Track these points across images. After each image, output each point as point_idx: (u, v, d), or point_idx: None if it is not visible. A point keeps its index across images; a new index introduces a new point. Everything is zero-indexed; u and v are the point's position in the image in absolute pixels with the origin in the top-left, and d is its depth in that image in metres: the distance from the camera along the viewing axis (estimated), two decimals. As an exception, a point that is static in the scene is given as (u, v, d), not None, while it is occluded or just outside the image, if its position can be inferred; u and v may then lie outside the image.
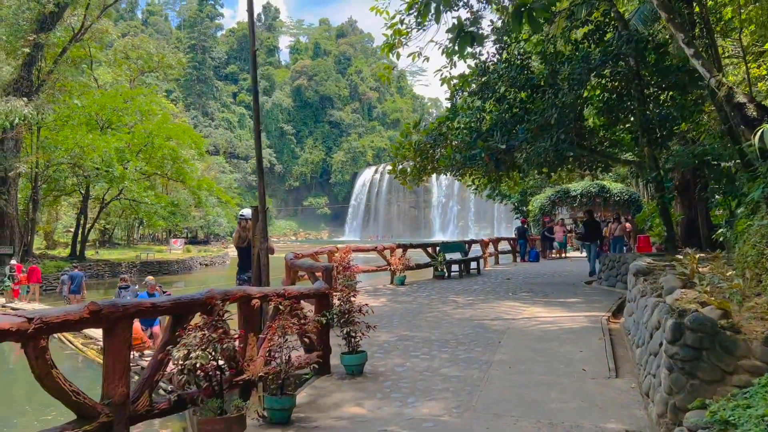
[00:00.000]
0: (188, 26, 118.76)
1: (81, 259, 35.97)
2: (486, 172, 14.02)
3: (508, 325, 8.17)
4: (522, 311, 9.26)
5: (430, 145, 13.96)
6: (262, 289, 4.93)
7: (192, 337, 3.64)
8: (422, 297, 11.30)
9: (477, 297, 11.12)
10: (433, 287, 13.10)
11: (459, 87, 14.04)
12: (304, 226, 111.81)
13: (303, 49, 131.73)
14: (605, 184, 24.42)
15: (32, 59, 26.31)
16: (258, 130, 5.25)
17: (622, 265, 12.03)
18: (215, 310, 3.91)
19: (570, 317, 8.61)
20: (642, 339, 5.90)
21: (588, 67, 11.40)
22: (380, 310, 9.69)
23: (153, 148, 36.10)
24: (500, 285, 13.35)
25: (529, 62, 13.90)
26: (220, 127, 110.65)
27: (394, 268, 13.82)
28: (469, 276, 15.82)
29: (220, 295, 4.27)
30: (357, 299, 9.88)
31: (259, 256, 5.32)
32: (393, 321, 8.74)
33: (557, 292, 11.76)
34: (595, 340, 7.12)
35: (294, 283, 9.74)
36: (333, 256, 11.62)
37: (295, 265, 9.19)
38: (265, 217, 5.30)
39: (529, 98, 13.13)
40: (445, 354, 6.72)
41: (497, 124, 13.07)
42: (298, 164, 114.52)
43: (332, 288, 6.87)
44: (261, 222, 5.25)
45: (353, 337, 6.05)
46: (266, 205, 5.33)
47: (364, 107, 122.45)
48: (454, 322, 8.49)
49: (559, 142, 11.49)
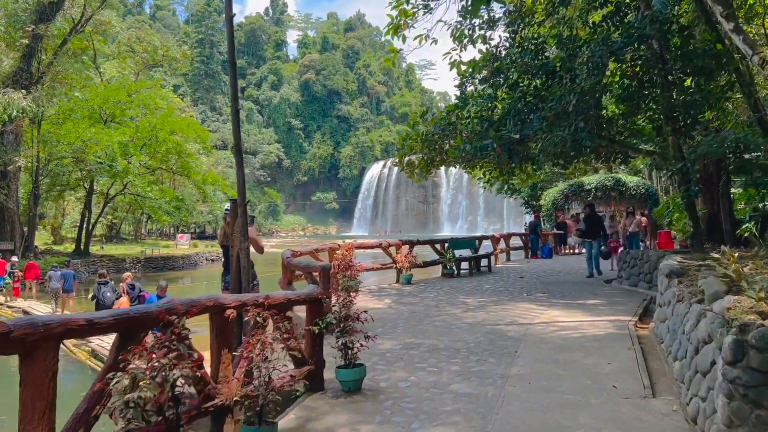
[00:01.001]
0: (196, 21, 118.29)
1: (85, 254, 35.52)
2: (498, 164, 13.21)
3: (525, 331, 7.39)
4: (539, 315, 8.48)
5: (438, 136, 13.17)
6: (240, 297, 4.19)
7: (137, 363, 2.91)
8: (430, 298, 10.53)
9: (489, 298, 10.34)
10: (441, 287, 12.33)
11: (469, 74, 13.21)
12: (312, 221, 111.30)
13: (311, 43, 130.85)
14: (621, 177, 23.49)
15: (32, 51, 25.72)
16: (236, 107, 4.49)
17: (645, 263, 11.21)
18: (171, 328, 3.17)
19: (592, 322, 7.82)
20: (683, 352, 5.11)
21: (609, 50, 10.53)
22: (384, 313, 8.95)
23: (157, 142, 35.54)
24: (513, 284, 12.56)
25: (544, 47, 13.05)
26: (229, 122, 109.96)
27: (399, 266, 13.05)
28: (479, 274, 15.04)
29: (183, 306, 3.53)
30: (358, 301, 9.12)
31: (238, 258, 4.59)
32: (397, 326, 7.99)
33: (575, 292, 10.96)
34: (624, 349, 6.33)
35: (291, 283, 9.02)
36: (334, 253, 10.88)
37: (291, 264, 8.46)
38: (245, 212, 4.57)
39: (544, 85, 12.29)
40: (454, 366, 5.96)
41: (510, 113, 12.25)
42: (306, 159, 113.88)
43: (329, 291, 6.13)
44: (240, 217, 4.52)
45: (350, 349, 5.31)
46: (246, 197, 4.58)
47: (372, 101, 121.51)
48: (465, 328, 7.73)
49: (578, 131, 10.66)
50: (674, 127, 11.67)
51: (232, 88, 4.54)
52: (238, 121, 4.44)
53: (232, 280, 4.76)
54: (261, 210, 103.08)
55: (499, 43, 12.96)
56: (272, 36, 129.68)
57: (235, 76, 4.51)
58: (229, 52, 4.41)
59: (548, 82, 12.35)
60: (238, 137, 4.50)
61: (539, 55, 12.70)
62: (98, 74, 40.68)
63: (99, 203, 40.00)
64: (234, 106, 4.45)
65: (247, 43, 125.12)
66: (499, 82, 13.00)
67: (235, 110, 4.47)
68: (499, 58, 12.96)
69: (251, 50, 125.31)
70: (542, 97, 12.26)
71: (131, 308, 3.25)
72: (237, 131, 4.50)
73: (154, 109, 37.07)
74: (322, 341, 5.36)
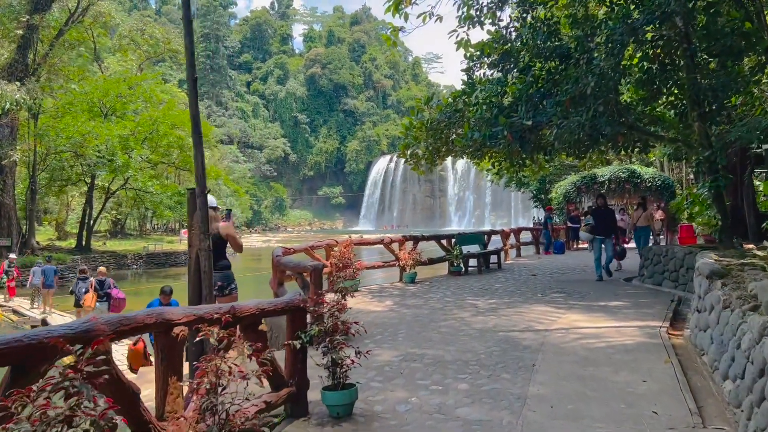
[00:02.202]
0: (201, 15, 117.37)
1: (86, 250, 34.93)
2: (508, 154, 12.29)
3: (543, 340, 6.53)
4: (557, 319, 7.61)
5: (444, 124, 12.28)
6: (195, 310, 3.36)
7: (24, 412, 2.09)
8: (435, 299, 9.66)
9: (500, 299, 9.46)
10: (448, 286, 11.46)
11: (477, 57, 12.30)
12: (318, 216, 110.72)
13: (317, 37, 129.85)
14: (636, 169, 22.50)
15: (27, 42, 25.00)
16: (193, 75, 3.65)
17: (670, 260, 10.31)
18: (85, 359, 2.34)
19: (618, 328, 6.94)
20: (739, 370, 4.24)
21: (630, 27, 9.60)
22: (384, 316, 8.11)
23: (158, 136, 34.85)
24: (526, 283, 11.68)
25: (557, 28, 12.12)
26: (234, 117, 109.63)
27: (403, 263, 12.17)
28: (488, 271, 14.16)
29: (109, 326, 2.71)
30: (357, 303, 8.29)
31: (198, 259, 3.77)
32: (398, 332, 7.13)
33: (595, 292, 10.07)
34: (659, 363, 5.47)
35: (282, 284, 8.20)
36: (332, 250, 10.08)
37: (280, 264, 7.64)
38: (206, 203, 3.75)
39: (558, 68, 11.38)
40: (463, 383, 5.12)
41: (521, 98, 11.34)
42: (312, 153, 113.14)
43: (316, 296, 5.31)
44: (200, 210, 3.69)
45: (339, 367, 4.47)
46: (206, 186, 3.76)
47: (378, 95, 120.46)
48: (474, 335, 6.87)
49: (596, 116, 9.76)
50: (700, 112, 10.76)
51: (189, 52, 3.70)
52: (196, 92, 3.61)
53: (190, 286, 3.94)
54: (267, 205, 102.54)
55: (509, 24, 12.05)
56: (278, 30, 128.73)
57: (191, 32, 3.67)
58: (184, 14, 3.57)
59: (563, 64, 11.45)
60: (195, 109, 3.67)
61: (552, 37, 11.79)
62: (99, 68, 40.02)
63: (101, 198, 39.40)
64: (191, 74, 3.62)
65: (253, 38, 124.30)
66: (509, 66, 12.11)
67: (192, 78, 3.64)
68: (509, 40, 12.07)
69: (257, 44, 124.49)
70: (556, 81, 11.36)
71: (26, 333, 2.43)
72: (194, 103, 3.67)
73: (155, 103, 36.40)
74: (305, 357, 4.53)
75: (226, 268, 5.76)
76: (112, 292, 12.64)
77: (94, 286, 12.78)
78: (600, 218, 12.20)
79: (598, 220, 12.17)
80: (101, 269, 13.57)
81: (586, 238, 12.67)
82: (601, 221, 12.15)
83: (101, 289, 12.72)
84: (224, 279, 5.67)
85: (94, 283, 12.86)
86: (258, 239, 72.22)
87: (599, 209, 12.46)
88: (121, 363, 10.26)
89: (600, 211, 12.39)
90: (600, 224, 12.13)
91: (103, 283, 12.87)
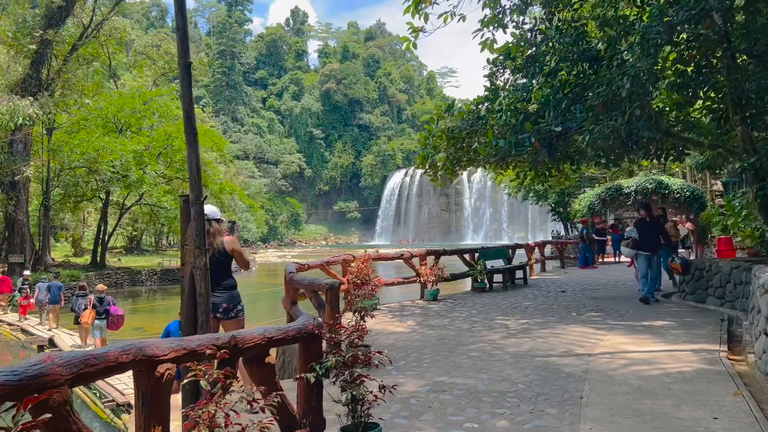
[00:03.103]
0: (217, 32, 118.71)
1: (101, 266, 34.73)
2: (535, 162, 11.62)
3: (587, 366, 5.82)
4: (598, 341, 6.87)
5: (466, 132, 11.65)
6: (184, 342, 2.74)
7: None
8: (461, 318, 8.95)
9: (532, 318, 8.73)
10: (473, 303, 10.74)
11: (500, 62, 11.70)
12: (334, 231, 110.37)
13: (332, 53, 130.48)
14: (663, 179, 21.67)
15: (41, 57, 24.94)
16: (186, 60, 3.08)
17: (714, 275, 9.52)
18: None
19: (671, 353, 6.20)
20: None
21: (668, 24, 8.92)
22: (407, 339, 7.43)
23: (173, 151, 34.65)
24: (556, 300, 10.92)
25: (585, 30, 11.49)
26: (250, 132, 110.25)
27: (424, 279, 11.47)
28: (514, 287, 13.41)
29: (67, 368, 2.10)
30: (376, 323, 7.66)
31: (192, 280, 3.16)
32: (423, 357, 6.45)
33: (634, 310, 9.30)
34: (728, 395, 4.73)
35: (295, 303, 7.57)
36: (348, 266, 9.46)
37: (293, 281, 7.02)
38: (202, 212, 3.16)
39: (588, 71, 10.73)
40: (502, 419, 4.43)
41: (549, 104, 10.69)
42: (327, 168, 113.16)
43: (333, 320, 4.69)
44: (195, 220, 3.10)
45: (360, 404, 3.82)
46: (202, 192, 3.17)
47: (393, 110, 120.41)
48: (508, 360, 6.17)
49: (633, 120, 9.07)
50: (743, 116, 10.03)
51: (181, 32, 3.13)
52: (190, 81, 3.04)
53: (183, 313, 3.33)
54: (283, 220, 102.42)
55: (534, 26, 11.44)
56: (293, 46, 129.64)
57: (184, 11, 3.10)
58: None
59: (592, 68, 10.80)
60: (189, 101, 3.09)
61: (580, 40, 11.16)
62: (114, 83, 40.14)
63: (116, 214, 39.29)
64: (183, 58, 3.05)
65: (268, 54, 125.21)
66: (534, 70, 11.49)
67: (184, 64, 3.07)
68: (534, 44, 11.46)
69: (272, 61, 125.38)
70: (585, 86, 10.71)
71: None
72: (188, 94, 3.09)
73: (170, 118, 36.28)
74: (320, 393, 3.89)
75: (232, 287, 5.15)
76: (111, 309, 12.71)
77: (93, 303, 12.82)
78: (646, 231, 10.56)
79: (644, 233, 10.54)
80: (100, 286, 13.55)
81: (629, 254, 11.06)
82: (647, 234, 10.51)
83: (100, 306, 12.74)
84: (230, 300, 5.06)
85: (93, 300, 12.90)
86: (274, 254, 71.89)
87: (644, 220, 10.83)
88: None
89: (645, 223, 10.73)
90: (646, 238, 10.48)
91: (102, 300, 12.90)
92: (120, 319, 12.72)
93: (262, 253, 73.82)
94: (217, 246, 5.00)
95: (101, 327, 12.55)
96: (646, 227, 10.64)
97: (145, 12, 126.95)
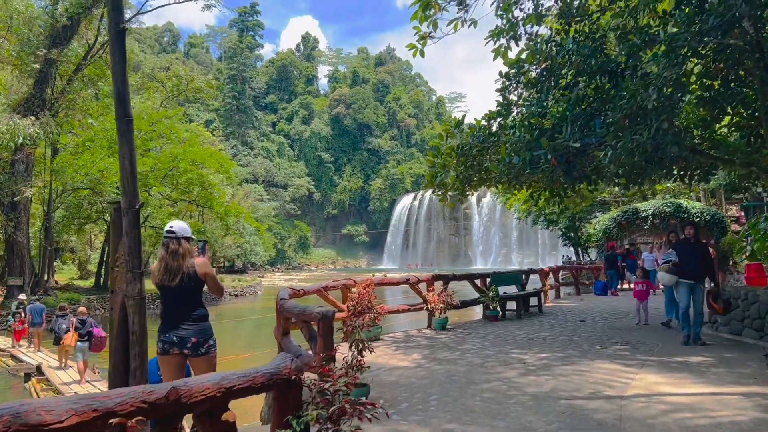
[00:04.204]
0: (228, 57, 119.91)
1: (104, 289, 34.08)
2: (549, 182, 10.88)
3: (619, 411, 4.97)
4: (630, 381, 6.01)
5: (477, 149, 10.94)
6: (94, 401, 1.98)
7: None
8: (472, 351, 8.09)
9: (551, 352, 7.86)
10: (485, 334, 9.87)
11: (513, 76, 11.04)
12: (342, 255, 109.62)
13: (341, 78, 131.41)
14: (681, 203, 20.78)
15: (44, 77, 24.65)
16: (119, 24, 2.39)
17: (751, 305, 8.66)
18: None
19: (716, 396, 5.34)
20: None
21: (699, 30, 8.23)
22: (411, 375, 6.59)
23: (178, 173, 34.23)
24: (576, 331, 10.03)
25: (604, 42, 10.84)
26: (260, 156, 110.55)
27: (432, 306, 10.62)
28: (528, 316, 12.54)
29: None
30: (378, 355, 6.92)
31: (124, 312, 2.42)
32: (430, 398, 5.61)
33: (664, 343, 8.42)
34: (800, 455, 3.89)
35: (287, 334, 6.78)
36: (349, 292, 8.68)
37: (284, 310, 6.25)
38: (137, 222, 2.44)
39: (608, 84, 10.05)
40: (524, 484, 3.60)
41: (566, 119, 9.99)
42: (336, 192, 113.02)
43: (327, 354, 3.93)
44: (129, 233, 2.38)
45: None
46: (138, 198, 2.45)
47: (402, 134, 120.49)
48: (528, 403, 5.32)
49: (660, 134, 8.32)
50: (777, 131, 9.27)
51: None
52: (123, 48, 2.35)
53: (111, 355, 2.58)
54: (291, 243, 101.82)
55: (549, 37, 10.80)
56: (303, 71, 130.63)
57: None
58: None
59: (613, 81, 10.12)
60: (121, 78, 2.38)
61: (598, 53, 10.49)
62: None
63: (120, 237, 38.76)
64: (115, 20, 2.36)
65: (279, 79, 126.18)
66: (550, 84, 10.82)
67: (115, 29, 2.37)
68: (550, 56, 10.80)
69: (282, 85, 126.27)
70: (605, 100, 10.03)
71: None
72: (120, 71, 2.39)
73: (176, 140, 35.95)
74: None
75: (203, 318, 4.38)
76: (94, 331, 12.43)
77: (75, 325, 12.63)
78: (689, 254, 8.70)
79: (687, 257, 8.67)
80: (82, 309, 13.40)
81: (668, 281, 8.91)
82: (690, 258, 8.65)
83: (82, 328, 12.49)
84: (199, 334, 4.29)
85: (75, 322, 12.71)
86: (281, 278, 71.13)
87: (687, 242, 8.96)
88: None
89: (689, 245, 8.86)
90: (689, 262, 8.62)
91: (85, 322, 12.63)
92: (103, 341, 12.38)
93: (269, 277, 73.10)
94: (186, 269, 4.27)
95: (83, 350, 12.31)
96: (690, 250, 8.75)
97: (157, 37, 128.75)
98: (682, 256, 8.73)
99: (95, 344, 12.36)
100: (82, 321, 12.60)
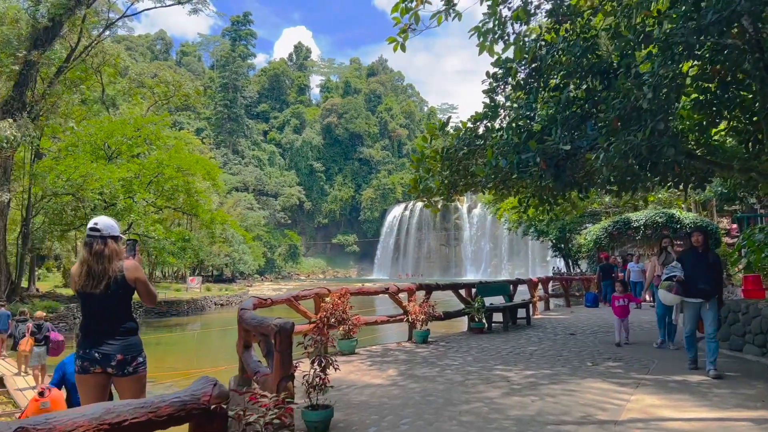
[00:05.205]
0: (220, 66, 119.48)
1: (85, 298, 33.27)
2: (539, 188, 10.35)
3: (614, 440, 4.39)
4: (624, 403, 5.43)
5: (463, 153, 10.41)
6: None
7: None
8: (453, 367, 7.47)
9: (539, 369, 7.25)
10: (468, 348, 9.26)
11: (501, 77, 10.54)
12: (332, 264, 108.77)
13: (333, 88, 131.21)
14: (674, 213, 20.36)
15: (25, 79, 23.97)
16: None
17: (753, 319, 8.13)
18: None
19: (722, 422, 4.76)
20: None
21: (696, 26, 7.75)
22: (384, 394, 5.97)
23: (163, 179, 33.54)
24: (565, 345, 9.45)
25: (596, 41, 10.37)
26: (250, 165, 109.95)
27: (413, 318, 9.99)
28: (516, 328, 11.96)
29: None
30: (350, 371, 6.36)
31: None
32: (401, 422, 4.98)
33: (659, 360, 7.85)
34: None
35: (249, 348, 6.17)
36: (322, 302, 8.07)
37: (243, 321, 5.65)
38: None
39: (599, 85, 9.58)
40: None
41: (555, 121, 9.50)
42: (327, 201, 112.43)
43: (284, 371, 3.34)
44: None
45: None
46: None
47: (393, 144, 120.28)
48: (511, 429, 4.70)
49: (655, 135, 7.82)
50: (778, 136, 8.81)
51: None
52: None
53: None
54: (281, 252, 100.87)
55: (538, 36, 10.33)
56: (295, 81, 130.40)
57: None
58: None
59: (605, 81, 9.65)
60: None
61: (589, 53, 10.02)
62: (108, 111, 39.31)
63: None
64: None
65: (271, 88, 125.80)
66: (539, 85, 10.33)
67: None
68: (538, 57, 10.32)
69: (274, 95, 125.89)
70: (597, 101, 9.56)
71: None
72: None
73: (161, 146, 35.28)
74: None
75: (132, 332, 3.78)
76: (50, 335, 12.21)
77: (31, 330, 12.39)
78: (696, 266, 7.15)
79: (694, 270, 7.15)
80: (39, 313, 13.32)
81: (672, 302, 7.34)
82: (698, 271, 7.11)
83: (39, 333, 12.29)
84: (126, 350, 3.69)
85: (31, 327, 12.48)
86: (270, 287, 70.29)
87: (695, 252, 7.32)
88: None
89: (697, 255, 7.27)
90: (697, 277, 7.08)
91: (41, 326, 12.44)
92: (61, 345, 12.25)
93: (258, 286, 72.24)
94: (113, 274, 3.67)
95: (39, 354, 12.10)
96: (699, 262, 7.17)
97: (149, 45, 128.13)
98: (689, 270, 7.20)
99: (53, 348, 12.09)
100: (38, 326, 12.35)
